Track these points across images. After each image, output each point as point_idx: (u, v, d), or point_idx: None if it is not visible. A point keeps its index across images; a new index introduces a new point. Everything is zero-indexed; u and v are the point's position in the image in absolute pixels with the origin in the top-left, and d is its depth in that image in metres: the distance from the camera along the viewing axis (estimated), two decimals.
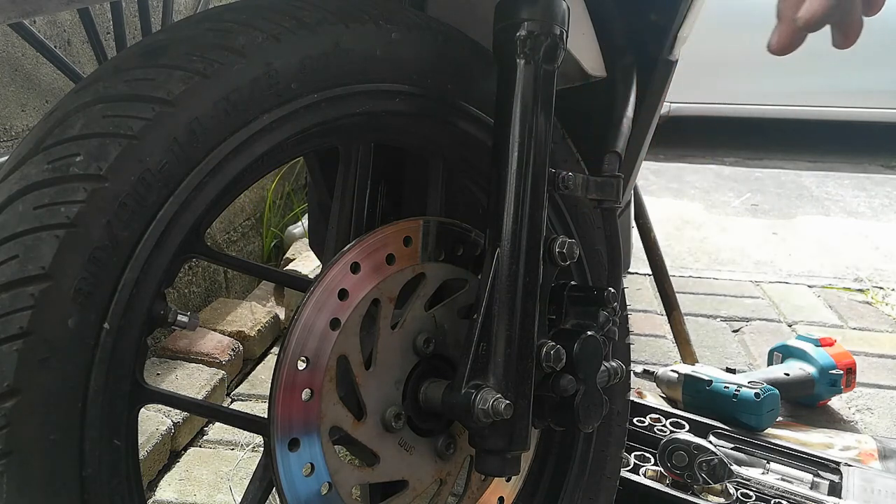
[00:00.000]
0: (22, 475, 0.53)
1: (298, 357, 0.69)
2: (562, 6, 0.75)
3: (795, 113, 4.98)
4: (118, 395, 0.59)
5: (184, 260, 0.65)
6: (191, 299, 1.97)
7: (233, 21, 0.65)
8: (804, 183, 4.17)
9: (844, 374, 1.70)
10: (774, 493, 1.25)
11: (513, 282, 0.73)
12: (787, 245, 3.11)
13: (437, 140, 0.83)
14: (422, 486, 0.79)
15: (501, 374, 0.71)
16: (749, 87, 4.91)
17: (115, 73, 0.61)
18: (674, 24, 0.99)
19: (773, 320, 2.28)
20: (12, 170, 0.58)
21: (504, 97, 0.75)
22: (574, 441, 0.98)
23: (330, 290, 0.71)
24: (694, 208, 3.66)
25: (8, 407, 0.53)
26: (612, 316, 0.81)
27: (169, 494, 1.35)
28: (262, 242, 2.49)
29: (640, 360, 1.94)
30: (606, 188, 0.86)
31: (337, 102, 0.71)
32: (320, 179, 1.11)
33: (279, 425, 0.67)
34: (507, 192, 0.73)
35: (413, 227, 0.78)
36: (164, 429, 1.43)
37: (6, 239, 0.55)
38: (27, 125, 1.49)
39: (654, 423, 1.45)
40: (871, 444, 1.56)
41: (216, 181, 0.64)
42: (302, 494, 0.69)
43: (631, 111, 0.97)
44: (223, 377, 1.67)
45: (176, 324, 0.67)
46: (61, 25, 1.59)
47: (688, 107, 4.85)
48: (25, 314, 0.53)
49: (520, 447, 0.73)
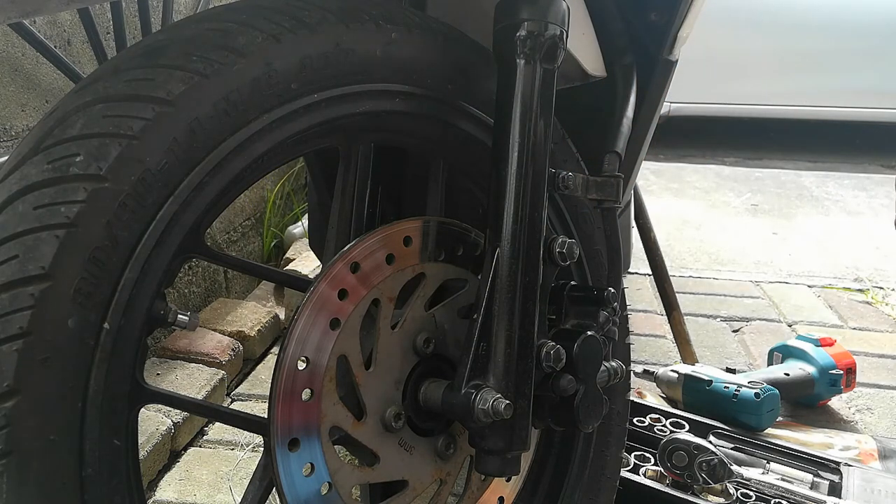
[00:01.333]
0: (22, 475, 0.53)
1: (298, 357, 0.69)
2: (562, 6, 0.75)
3: (795, 113, 4.98)
4: (118, 395, 0.59)
5: (184, 260, 0.65)
6: (191, 299, 1.97)
7: (233, 21, 0.65)
8: (804, 183, 4.17)
9: (844, 374, 1.70)
10: (774, 493, 1.25)
11: (513, 282, 0.73)
12: (787, 245, 3.11)
13: (437, 140, 0.83)
14: (422, 486, 0.79)
15: (501, 374, 0.71)
16: (749, 87, 4.91)
17: (115, 73, 0.61)
18: (674, 24, 1.00)
19: (773, 320, 2.28)
20: (12, 170, 0.58)
21: (504, 97, 0.75)
22: (574, 441, 0.98)
23: (330, 290, 0.71)
24: (694, 208, 3.66)
25: (8, 407, 0.53)
26: (612, 316, 0.81)
27: (169, 494, 1.35)
28: (262, 242, 2.49)
29: (640, 360, 1.94)
30: (606, 188, 0.86)
31: (337, 102, 0.71)
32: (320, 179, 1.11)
33: (279, 425, 0.67)
34: (507, 192, 0.73)
35: (413, 227, 0.78)
36: (164, 429, 1.43)
37: (6, 239, 0.55)
38: (27, 125, 1.49)
39: (654, 423, 1.45)
40: (871, 444, 1.56)
41: (216, 181, 0.64)
42: (302, 494, 0.69)
43: (631, 111, 0.97)
44: (223, 377, 1.67)
45: (176, 324, 0.67)
46: (61, 25, 1.59)
47: (688, 107, 4.85)
48: (25, 314, 0.53)
49: (520, 447, 0.73)
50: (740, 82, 4.90)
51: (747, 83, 4.90)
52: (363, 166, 0.78)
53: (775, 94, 4.92)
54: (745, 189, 4.03)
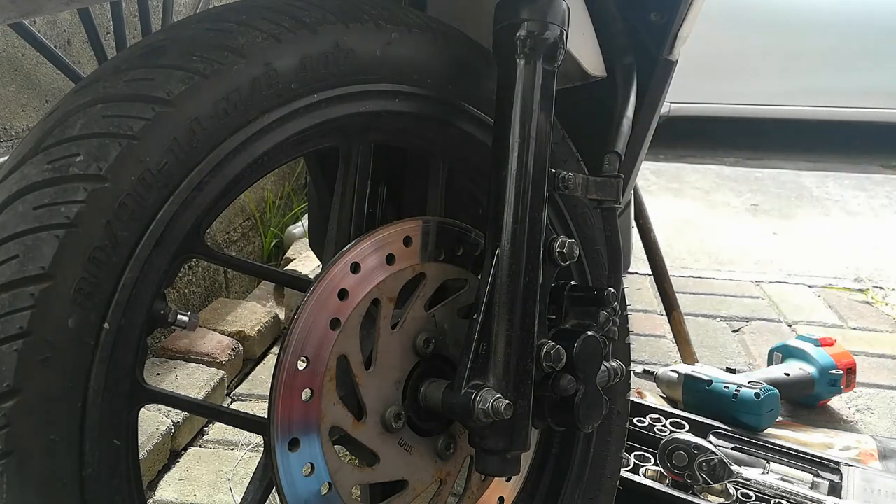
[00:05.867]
0: (22, 475, 0.53)
1: (298, 357, 0.68)
2: (562, 6, 0.75)
3: (795, 113, 4.98)
4: (118, 395, 0.59)
5: (184, 260, 0.65)
6: (191, 299, 1.97)
7: (233, 21, 0.65)
8: (804, 183, 4.17)
9: (844, 374, 1.70)
10: (774, 493, 1.25)
11: (513, 282, 0.73)
12: (787, 245, 3.11)
13: (437, 140, 0.83)
14: (422, 486, 0.79)
15: (501, 374, 0.71)
16: (749, 87, 4.91)
17: (115, 73, 0.61)
18: (674, 24, 1.00)
19: (773, 320, 2.28)
20: (12, 170, 0.58)
21: (504, 97, 0.75)
22: (574, 441, 0.98)
23: (330, 290, 0.71)
24: (694, 208, 3.66)
25: (8, 407, 0.53)
26: (612, 316, 0.81)
27: (169, 494, 1.35)
28: (262, 242, 2.49)
29: (640, 360, 1.94)
30: (606, 188, 0.86)
31: (337, 102, 0.71)
32: (320, 179, 1.11)
33: (279, 425, 0.67)
34: (507, 192, 0.73)
35: (413, 227, 0.78)
36: (164, 429, 1.43)
37: (6, 239, 0.55)
38: (27, 125, 1.49)
39: (654, 423, 1.45)
40: (871, 444, 1.56)
41: (216, 181, 0.64)
42: (302, 494, 0.69)
43: (631, 111, 0.97)
44: (223, 377, 1.67)
45: (176, 324, 0.67)
46: (61, 25, 1.59)
47: (688, 107, 4.85)
48: (25, 314, 0.53)
49: (520, 447, 0.73)
50: (740, 82, 4.90)
51: (747, 83, 4.90)
52: (363, 166, 0.78)
53: (775, 94, 4.92)
54: (745, 189, 4.03)
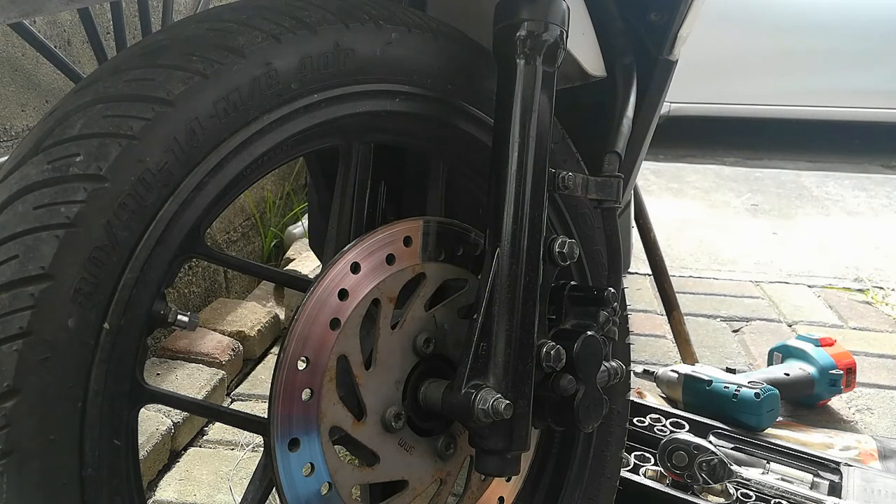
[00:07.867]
0: (22, 475, 0.53)
1: (298, 357, 0.68)
2: (562, 6, 0.75)
3: (795, 113, 4.98)
4: (118, 395, 0.59)
5: (184, 260, 0.65)
6: (191, 299, 1.97)
7: (233, 21, 0.65)
8: (804, 183, 4.17)
9: (844, 374, 1.70)
10: (774, 493, 1.25)
11: (513, 282, 0.73)
12: (787, 245, 3.11)
13: (437, 140, 0.83)
14: (422, 486, 0.79)
15: (501, 374, 0.71)
16: (749, 87, 4.91)
17: (115, 73, 0.61)
18: (674, 24, 1.00)
19: (773, 320, 2.28)
20: (12, 170, 0.58)
21: (504, 97, 0.75)
22: (574, 441, 0.98)
23: (330, 290, 0.71)
24: (694, 208, 3.66)
25: (8, 407, 0.53)
26: (612, 316, 0.81)
27: (169, 494, 1.35)
28: (262, 242, 2.49)
29: (640, 360, 1.94)
30: (606, 188, 0.86)
31: (337, 102, 0.71)
32: (320, 179, 1.11)
33: (279, 425, 0.67)
34: (507, 192, 0.73)
35: (413, 227, 0.78)
36: (164, 429, 1.43)
37: (6, 239, 0.55)
38: (27, 125, 1.49)
39: (654, 423, 1.45)
40: (871, 444, 1.56)
41: (216, 181, 0.64)
42: (302, 494, 0.69)
43: (631, 111, 0.97)
44: (223, 377, 1.67)
45: (176, 324, 0.67)
46: (61, 25, 1.59)
47: (688, 107, 4.85)
48: (25, 314, 0.53)
49: (520, 447, 0.73)
50: (740, 82, 4.91)
51: (747, 83, 4.90)
52: (363, 166, 0.78)
53: (775, 94, 4.92)
54: (745, 189, 4.03)
